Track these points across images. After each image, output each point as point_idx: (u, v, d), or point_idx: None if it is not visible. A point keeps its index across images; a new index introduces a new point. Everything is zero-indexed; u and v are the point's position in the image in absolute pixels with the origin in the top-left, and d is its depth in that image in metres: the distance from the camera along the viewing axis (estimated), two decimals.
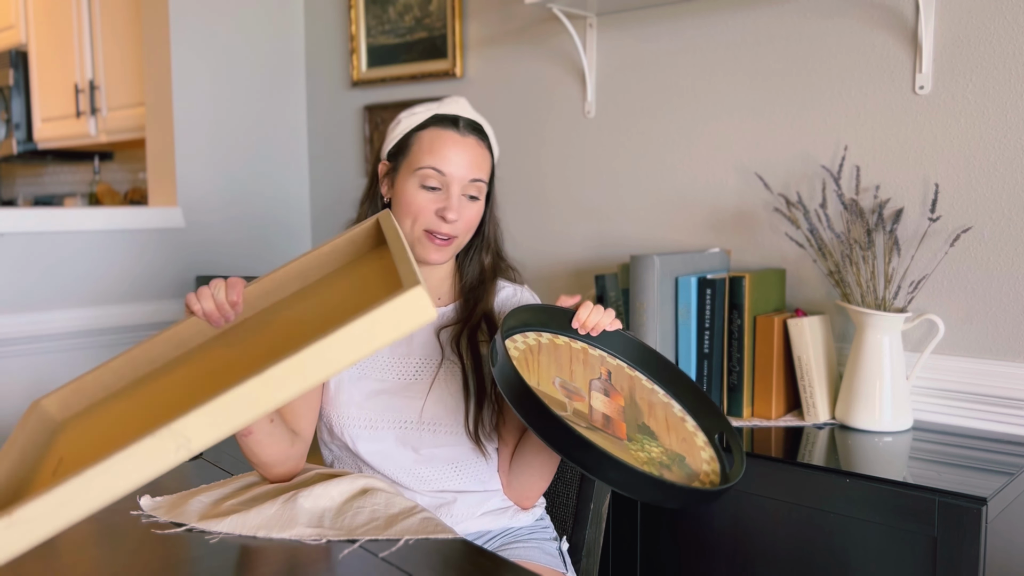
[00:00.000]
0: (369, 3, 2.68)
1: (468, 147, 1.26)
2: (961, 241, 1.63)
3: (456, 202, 1.24)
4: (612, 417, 1.08)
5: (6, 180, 4.96)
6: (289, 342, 0.77)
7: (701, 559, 1.55)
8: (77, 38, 3.31)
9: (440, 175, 1.24)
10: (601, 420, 1.06)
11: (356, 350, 0.70)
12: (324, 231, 2.92)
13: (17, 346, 2.32)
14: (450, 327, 1.29)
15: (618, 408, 1.11)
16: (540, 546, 1.28)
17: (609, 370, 1.18)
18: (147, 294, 2.58)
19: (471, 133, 1.27)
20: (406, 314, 0.71)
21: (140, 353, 0.93)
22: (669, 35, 2.02)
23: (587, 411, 1.06)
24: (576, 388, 1.10)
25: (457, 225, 1.24)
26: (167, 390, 0.85)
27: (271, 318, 0.91)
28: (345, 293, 0.89)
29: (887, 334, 1.60)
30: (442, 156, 1.24)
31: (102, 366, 0.94)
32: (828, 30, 1.78)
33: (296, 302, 0.92)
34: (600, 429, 1.04)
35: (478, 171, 1.26)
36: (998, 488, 1.29)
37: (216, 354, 0.88)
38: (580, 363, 1.16)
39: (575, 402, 1.06)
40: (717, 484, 1.06)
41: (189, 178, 2.67)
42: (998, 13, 1.58)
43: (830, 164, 1.78)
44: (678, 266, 1.75)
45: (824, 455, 1.52)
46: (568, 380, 1.10)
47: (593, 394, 1.10)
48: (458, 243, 1.27)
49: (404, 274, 0.77)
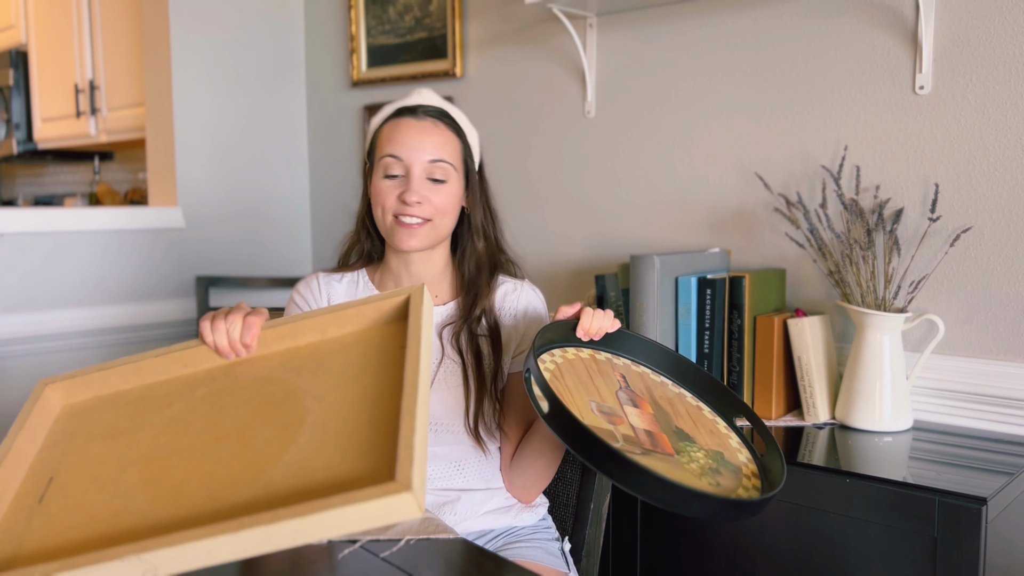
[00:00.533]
0: (369, 3, 2.68)
1: (425, 130, 1.27)
2: (961, 241, 1.63)
3: (417, 184, 1.25)
4: (653, 432, 1.08)
5: (6, 180, 4.96)
6: (286, 434, 0.79)
7: (701, 559, 1.55)
8: (77, 38, 3.31)
9: (398, 161, 1.26)
10: (647, 439, 1.05)
11: (327, 532, 0.70)
12: (324, 231, 2.92)
13: (17, 346, 2.32)
14: (450, 325, 1.30)
15: (651, 418, 1.10)
16: (543, 546, 1.28)
17: (622, 374, 1.18)
18: (147, 294, 2.58)
19: (430, 117, 1.28)
20: (389, 512, 0.69)
21: (148, 365, 0.94)
22: (669, 35, 2.02)
23: (632, 433, 1.05)
24: (611, 408, 1.09)
25: (424, 208, 1.25)
26: (166, 444, 0.83)
27: (277, 377, 0.88)
28: (354, 373, 0.85)
29: (887, 334, 1.60)
30: (398, 142, 1.26)
31: (111, 367, 0.94)
32: (828, 30, 1.78)
33: (305, 362, 0.90)
34: (651, 451, 1.03)
35: (438, 152, 1.27)
36: (998, 488, 1.29)
37: (217, 407, 0.86)
38: (598, 374, 1.15)
39: (619, 427, 1.05)
40: (755, 471, 1.09)
41: (189, 178, 2.67)
42: (998, 13, 1.58)
43: (830, 164, 1.78)
44: (678, 266, 1.75)
45: (824, 455, 1.52)
46: (601, 402, 1.09)
47: (626, 409, 1.10)
48: (432, 228, 1.27)
49: (402, 453, 0.71)
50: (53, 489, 0.82)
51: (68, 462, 0.85)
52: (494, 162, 2.39)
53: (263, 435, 0.82)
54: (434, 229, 1.27)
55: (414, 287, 0.93)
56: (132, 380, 0.93)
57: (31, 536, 0.79)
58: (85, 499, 0.81)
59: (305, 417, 0.82)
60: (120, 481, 0.82)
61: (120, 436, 0.87)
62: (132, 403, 0.91)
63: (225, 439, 0.83)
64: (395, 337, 0.88)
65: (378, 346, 0.87)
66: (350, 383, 0.84)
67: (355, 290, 1.35)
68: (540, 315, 1.35)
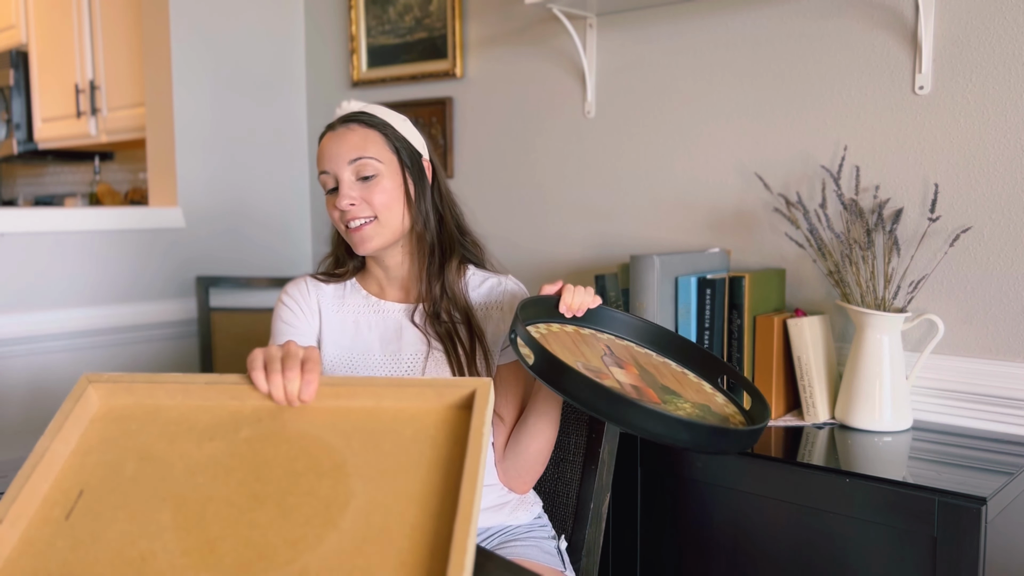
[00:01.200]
0: (369, 3, 2.68)
1: (341, 136, 1.30)
2: (961, 241, 1.63)
3: (346, 188, 1.28)
4: (639, 386, 1.11)
5: (6, 180, 4.96)
6: (328, 514, 0.77)
7: (701, 559, 1.55)
8: (77, 38, 3.31)
9: (326, 174, 1.30)
10: (633, 392, 1.08)
11: None
12: (324, 231, 2.92)
13: (17, 346, 2.32)
14: (424, 317, 1.32)
15: (636, 376, 1.14)
16: (538, 544, 1.28)
17: (607, 345, 1.22)
18: (147, 294, 2.58)
19: (344, 124, 1.31)
20: None
21: (197, 390, 0.90)
22: (669, 35, 2.02)
23: (618, 386, 1.08)
24: (597, 368, 1.12)
25: (360, 207, 1.27)
26: (203, 486, 0.81)
27: (326, 438, 0.84)
28: (404, 463, 0.81)
29: (887, 334, 1.60)
30: (323, 157, 1.31)
31: (158, 381, 0.90)
32: (828, 30, 1.78)
33: (356, 429, 0.85)
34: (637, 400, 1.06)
35: (356, 151, 1.28)
36: (998, 488, 1.29)
37: (260, 458, 0.83)
38: (583, 343, 1.19)
39: (604, 380, 1.08)
40: (745, 424, 1.13)
41: (189, 178, 2.67)
42: (998, 13, 1.58)
43: (830, 164, 1.78)
44: (678, 266, 1.75)
45: (824, 455, 1.52)
46: (587, 362, 1.12)
47: (612, 370, 1.12)
48: (380, 225, 1.28)
49: None
50: (82, 506, 0.80)
51: (100, 477, 0.83)
52: (494, 162, 2.40)
53: (305, 509, 0.79)
54: (382, 225, 1.28)
55: (480, 380, 0.86)
56: (177, 399, 0.90)
57: (53, 557, 0.77)
58: (113, 529, 0.79)
59: (350, 500, 0.79)
60: (151, 519, 0.79)
61: (157, 460, 0.84)
62: (173, 423, 0.88)
63: (265, 500, 0.80)
64: (451, 430, 0.84)
65: (432, 436, 0.84)
66: (399, 473, 0.81)
67: (343, 293, 1.36)
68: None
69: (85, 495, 0.81)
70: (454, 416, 0.85)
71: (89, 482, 0.82)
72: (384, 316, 1.34)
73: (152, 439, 0.86)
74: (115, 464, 0.84)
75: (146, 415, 0.89)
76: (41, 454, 0.84)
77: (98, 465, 0.84)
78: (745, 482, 1.49)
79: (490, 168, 2.40)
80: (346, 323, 1.34)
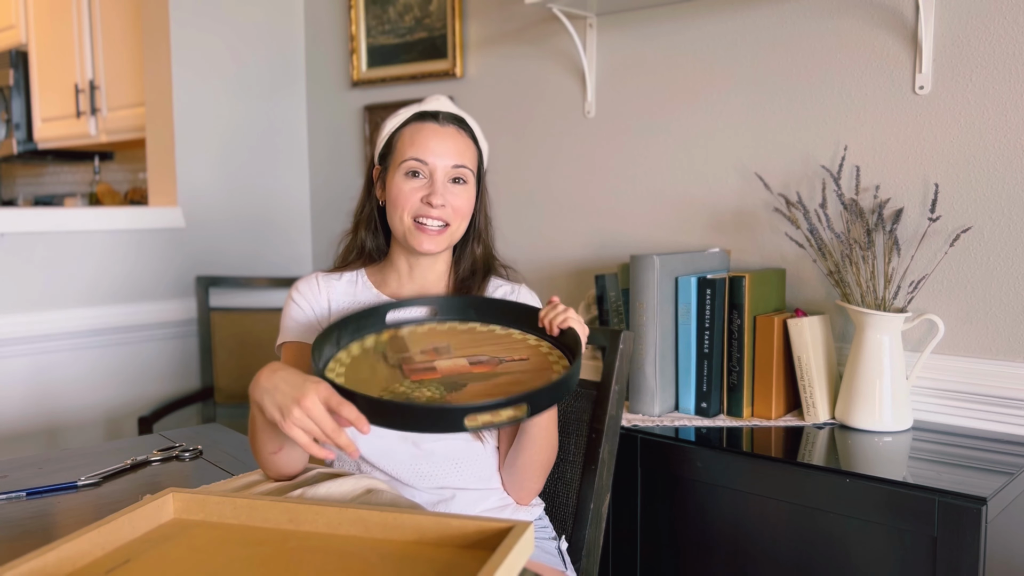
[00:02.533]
0: (369, 3, 2.68)
1: (448, 135, 1.30)
2: (961, 241, 1.63)
3: (441, 187, 1.27)
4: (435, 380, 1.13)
5: (6, 180, 4.96)
6: None
7: (701, 559, 1.55)
8: (77, 38, 3.31)
9: (423, 164, 1.28)
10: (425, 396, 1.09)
11: None
12: (324, 231, 2.92)
13: (17, 346, 2.32)
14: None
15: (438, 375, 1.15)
16: (539, 545, 1.28)
17: (429, 340, 1.24)
18: (147, 294, 2.58)
19: (451, 124, 1.31)
20: None
21: (262, 505, 0.96)
22: (669, 35, 2.02)
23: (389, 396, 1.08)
24: (393, 387, 1.12)
25: (445, 211, 1.28)
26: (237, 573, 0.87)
27: (355, 566, 0.88)
28: None
29: (887, 334, 1.60)
30: (423, 146, 1.28)
31: (229, 499, 0.97)
32: (828, 30, 1.78)
33: (403, 560, 0.89)
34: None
35: (460, 158, 1.29)
36: (998, 488, 1.29)
37: (296, 562, 0.88)
38: (394, 351, 1.21)
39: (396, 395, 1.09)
40: (561, 356, 1.16)
41: (189, 178, 2.68)
42: (998, 13, 1.58)
43: (830, 164, 1.78)
44: (678, 266, 1.75)
45: (824, 455, 1.52)
46: (387, 383, 1.12)
47: (409, 382, 1.13)
48: (452, 232, 1.30)
49: None
50: (123, 570, 0.85)
51: (150, 554, 0.89)
52: (494, 162, 2.39)
53: None
54: (451, 234, 1.30)
55: (519, 523, 0.87)
56: (241, 517, 0.96)
57: None
58: None
59: None
60: None
61: (203, 552, 0.90)
62: (229, 534, 0.95)
63: None
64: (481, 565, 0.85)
65: (467, 565, 0.86)
66: None
67: (354, 289, 1.35)
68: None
69: (131, 563, 0.87)
70: (485, 556, 0.88)
71: (139, 555, 0.89)
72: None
73: (205, 541, 0.93)
74: (165, 552, 0.90)
75: (208, 529, 0.96)
76: (108, 521, 0.90)
77: (151, 548, 0.91)
78: (745, 482, 1.49)
79: (490, 168, 2.39)
80: None
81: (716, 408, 1.73)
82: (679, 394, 1.76)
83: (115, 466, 1.43)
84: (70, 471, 1.42)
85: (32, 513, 1.24)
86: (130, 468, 1.44)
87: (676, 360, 1.76)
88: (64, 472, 1.41)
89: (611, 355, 1.41)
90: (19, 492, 1.31)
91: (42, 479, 1.38)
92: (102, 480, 1.38)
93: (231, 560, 0.88)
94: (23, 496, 1.30)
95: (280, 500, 0.96)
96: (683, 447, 1.57)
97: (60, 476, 1.39)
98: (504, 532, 0.88)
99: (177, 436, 1.65)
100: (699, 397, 1.73)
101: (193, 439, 1.62)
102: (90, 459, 1.49)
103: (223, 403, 2.67)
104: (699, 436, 1.61)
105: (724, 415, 1.73)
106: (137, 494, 1.30)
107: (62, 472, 1.42)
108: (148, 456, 1.49)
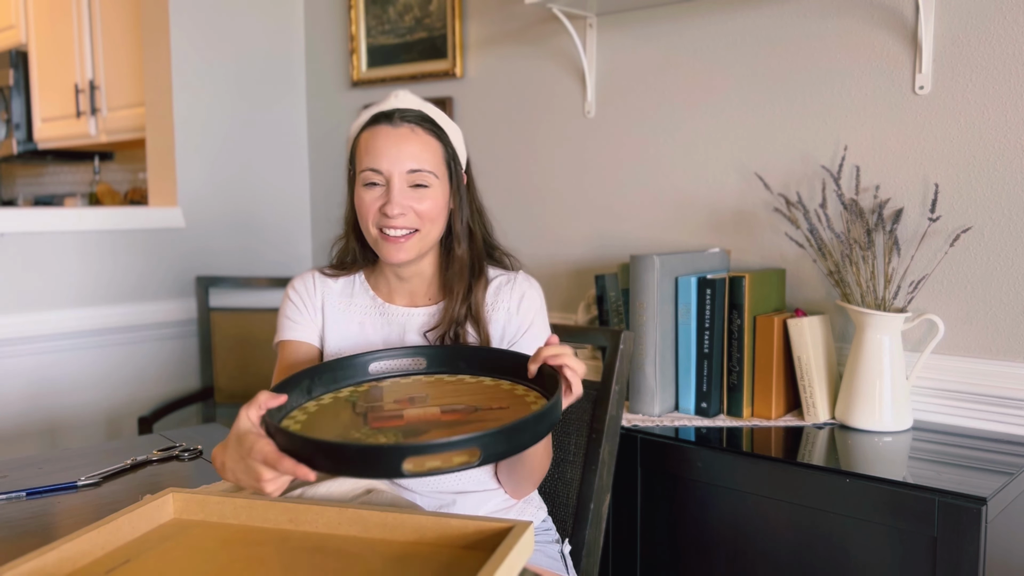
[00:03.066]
0: (369, 3, 2.68)
1: (402, 138, 1.22)
2: (961, 241, 1.63)
3: (398, 195, 1.21)
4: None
5: (6, 180, 4.96)
6: None
7: (701, 559, 1.55)
8: (77, 38, 3.31)
9: (377, 172, 1.22)
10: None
11: None
12: (324, 231, 2.92)
13: (17, 346, 2.32)
14: (435, 328, 1.28)
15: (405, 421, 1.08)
16: (542, 549, 1.28)
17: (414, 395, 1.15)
18: (147, 294, 2.58)
19: (407, 123, 1.24)
20: None
21: (261, 505, 0.96)
22: (669, 35, 2.02)
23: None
24: (354, 434, 1.05)
25: (408, 218, 1.22)
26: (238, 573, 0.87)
27: (354, 566, 0.88)
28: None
29: (887, 334, 1.60)
30: (376, 153, 1.22)
31: (228, 499, 0.97)
32: (828, 30, 1.78)
33: (400, 560, 0.89)
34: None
35: (416, 160, 1.22)
36: (998, 488, 1.29)
37: (298, 562, 0.88)
38: (366, 400, 1.14)
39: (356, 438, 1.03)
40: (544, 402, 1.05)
41: (189, 178, 2.68)
42: (998, 13, 1.58)
43: (830, 164, 1.78)
44: (678, 266, 1.75)
45: (824, 455, 1.52)
46: (345, 430, 1.06)
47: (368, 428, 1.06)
48: (422, 236, 1.24)
49: None
50: (124, 569, 0.85)
51: (149, 554, 0.89)
52: (494, 162, 2.39)
53: None
54: (422, 239, 1.24)
55: (519, 523, 0.87)
56: (241, 517, 0.96)
57: None
58: None
59: None
60: None
61: (204, 552, 0.90)
62: (229, 533, 0.95)
63: None
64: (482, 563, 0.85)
65: (467, 563, 0.86)
66: None
67: (351, 290, 1.34)
68: (536, 304, 1.32)
69: (131, 562, 0.87)
70: (485, 556, 0.87)
71: (138, 556, 0.89)
72: (389, 319, 1.32)
73: (204, 540, 0.93)
74: (164, 552, 0.90)
75: (208, 529, 0.96)
76: (107, 522, 0.90)
77: (150, 549, 0.91)
78: (745, 482, 1.49)
79: (490, 168, 2.39)
80: (351, 323, 1.33)
81: (716, 408, 1.73)
82: (679, 394, 1.76)
83: (115, 466, 1.43)
84: (70, 471, 1.42)
85: (32, 513, 1.24)
86: (130, 468, 1.44)
87: (676, 360, 1.76)
88: (64, 472, 1.41)
89: (611, 355, 1.41)
90: (19, 492, 1.31)
91: (42, 479, 1.38)
92: (102, 480, 1.38)
93: (231, 560, 0.88)
94: (23, 496, 1.30)
95: (280, 500, 0.97)
96: (683, 447, 1.57)
97: (60, 476, 1.39)
98: (504, 532, 0.88)
99: (177, 436, 1.65)
100: (699, 397, 1.74)
101: (193, 439, 1.62)
102: (90, 459, 1.49)
103: (223, 403, 2.66)
104: (699, 436, 1.61)
105: (724, 415, 1.73)
106: (137, 494, 1.30)
107: (62, 472, 1.41)
108: (148, 456, 1.49)
